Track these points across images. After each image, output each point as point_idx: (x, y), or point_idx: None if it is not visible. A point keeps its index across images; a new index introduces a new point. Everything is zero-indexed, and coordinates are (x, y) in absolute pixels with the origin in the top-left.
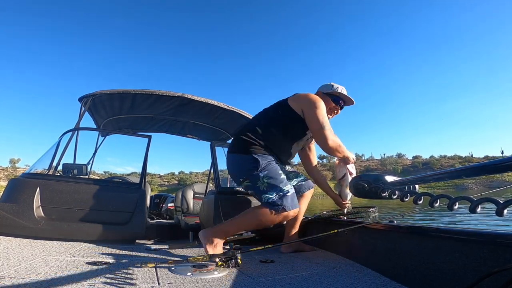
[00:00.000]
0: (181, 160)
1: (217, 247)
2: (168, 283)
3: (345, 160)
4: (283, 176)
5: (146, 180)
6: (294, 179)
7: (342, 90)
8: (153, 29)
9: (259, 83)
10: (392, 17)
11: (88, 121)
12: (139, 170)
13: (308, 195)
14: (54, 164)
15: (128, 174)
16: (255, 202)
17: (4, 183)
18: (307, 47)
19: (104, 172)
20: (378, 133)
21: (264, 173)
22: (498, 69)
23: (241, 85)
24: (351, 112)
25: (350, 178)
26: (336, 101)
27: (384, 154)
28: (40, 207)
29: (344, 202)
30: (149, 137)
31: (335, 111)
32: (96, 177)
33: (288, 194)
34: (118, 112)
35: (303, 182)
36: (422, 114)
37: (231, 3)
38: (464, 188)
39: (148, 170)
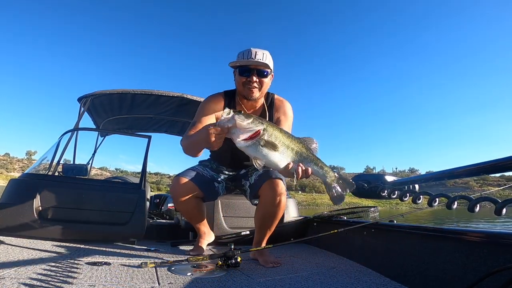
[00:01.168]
0: (190, 160)
1: (197, 245)
2: (168, 283)
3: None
4: (198, 168)
5: (147, 180)
6: (253, 175)
7: (243, 55)
8: (154, 28)
9: None
10: (409, 29)
11: (88, 121)
12: (149, 169)
13: (263, 191)
14: (54, 164)
15: (138, 173)
16: None
17: (19, 174)
18: (317, 55)
19: (116, 169)
20: (391, 147)
21: None
22: None
23: None
24: (364, 124)
25: (242, 143)
26: (240, 72)
27: (396, 168)
28: (40, 207)
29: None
30: (149, 137)
31: (253, 84)
32: (108, 173)
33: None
34: (118, 112)
35: (257, 178)
36: (439, 129)
37: (237, 5)
38: None
39: (157, 170)
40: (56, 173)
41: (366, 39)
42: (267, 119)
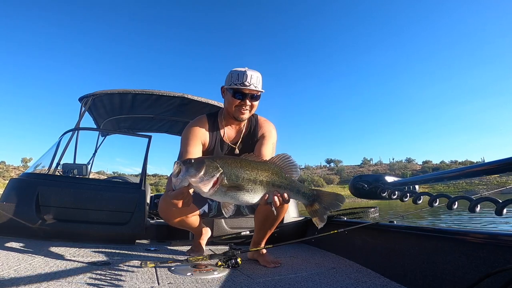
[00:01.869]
0: None
1: (196, 245)
2: (168, 283)
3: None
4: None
5: (147, 180)
6: None
7: (237, 77)
8: (154, 28)
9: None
10: (402, 16)
11: (88, 121)
12: (147, 171)
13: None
14: (54, 164)
15: (137, 175)
16: None
17: None
18: (312, 47)
19: (113, 172)
20: (387, 137)
21: None
22: None
23: None
24: (359, 114)
25: (207, 194)
26: (234, 94)
27: (393, 159)
28: (40, 207)
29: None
30: (149, 137)
31: (244, 106)
32: (104, 177)
33: None
34: (118, 112)
35: None
36: (434, 117)
37: (235, 3)
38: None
39: (156, 171)
40: (57, 173)
41: (356, 29)
42: (251, 137)
